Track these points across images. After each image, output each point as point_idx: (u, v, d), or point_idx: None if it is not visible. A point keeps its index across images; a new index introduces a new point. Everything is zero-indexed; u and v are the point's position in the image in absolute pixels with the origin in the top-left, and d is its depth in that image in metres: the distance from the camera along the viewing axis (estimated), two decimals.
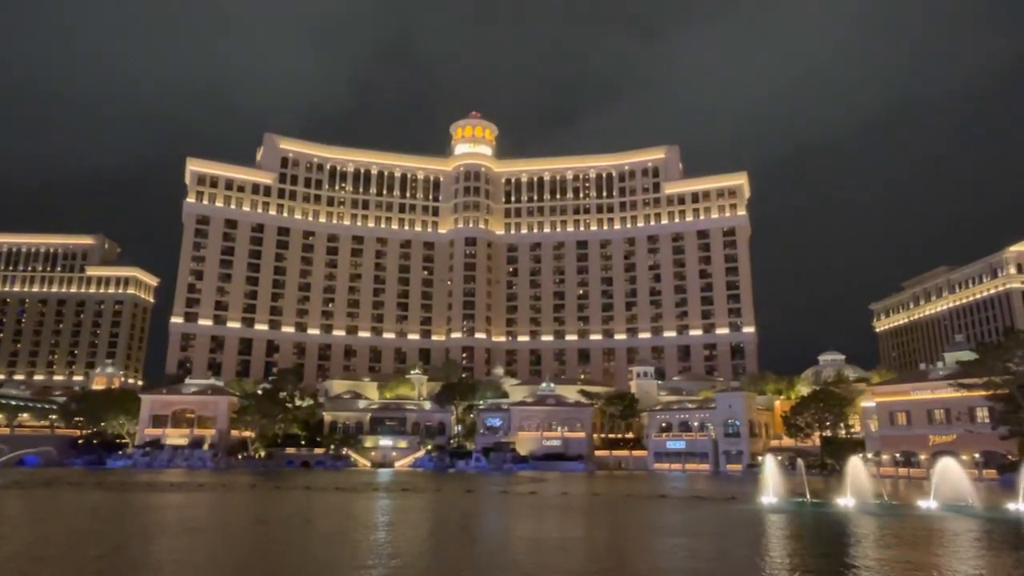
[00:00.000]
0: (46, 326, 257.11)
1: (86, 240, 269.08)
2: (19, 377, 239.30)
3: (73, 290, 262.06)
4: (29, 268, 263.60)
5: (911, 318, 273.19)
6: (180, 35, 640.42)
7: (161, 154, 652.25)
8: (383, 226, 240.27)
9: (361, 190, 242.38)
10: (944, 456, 70.33)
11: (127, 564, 29.93)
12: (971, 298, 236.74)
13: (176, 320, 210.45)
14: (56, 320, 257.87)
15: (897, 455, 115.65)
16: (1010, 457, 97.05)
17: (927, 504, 57.82)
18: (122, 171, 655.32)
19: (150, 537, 38.53)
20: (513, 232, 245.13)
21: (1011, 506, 56.05)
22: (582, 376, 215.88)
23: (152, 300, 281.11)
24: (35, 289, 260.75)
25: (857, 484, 61.79)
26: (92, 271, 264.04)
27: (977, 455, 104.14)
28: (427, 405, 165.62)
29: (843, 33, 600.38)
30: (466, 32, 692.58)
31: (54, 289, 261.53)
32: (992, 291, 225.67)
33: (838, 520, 50.07)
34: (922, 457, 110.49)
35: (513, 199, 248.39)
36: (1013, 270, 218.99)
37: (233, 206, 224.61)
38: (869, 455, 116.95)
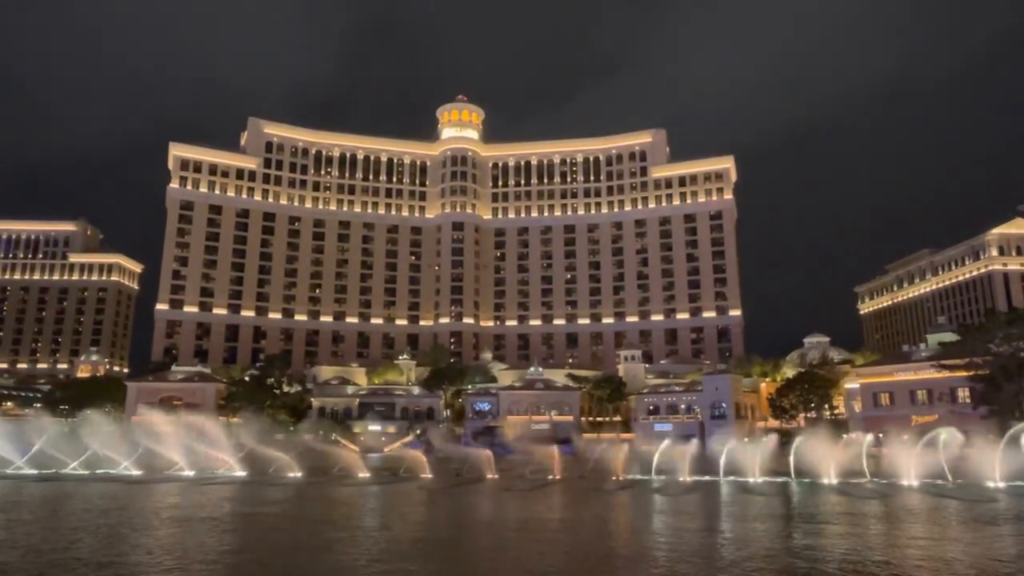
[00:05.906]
0: (28, 313, 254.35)
1: (68, 226, 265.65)
2: (2, 365, 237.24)
3: (56, 277, 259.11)
4: (10, 255, 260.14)
5: (895, 300, 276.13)
6: (164, 16, 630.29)
7: (144, 138, 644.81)
8: (370, 211, 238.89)
9: (347, 175, 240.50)
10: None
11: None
12: (953, 280, 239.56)
13: (161, 307, 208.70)
14: (39, 307, 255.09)
15: (880, 435, 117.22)
16: (990, 437, 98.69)
17: (908, 482, 58.95)
18: (104, 156, 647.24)
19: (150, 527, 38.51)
20: (500, 217, 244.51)
21: (988, 483, 57.43)
22: (570, 360, 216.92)
23: (136, 287, 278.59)
24: (16, 276, 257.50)
25: (841, 462, 62.90)
26: (75, 258, 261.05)
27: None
28: (416, 390, 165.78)
29: (832, 18, 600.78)
30: (455, 8, 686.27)
31: (36, 276, 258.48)
32: (974, 273, 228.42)
33: (823, 496, 50.91)
34: (904, 437, 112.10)
35: (500, 183, 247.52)
36: (995, 252, 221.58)
37: (217, 191, 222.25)
38: (852, 435, 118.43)
